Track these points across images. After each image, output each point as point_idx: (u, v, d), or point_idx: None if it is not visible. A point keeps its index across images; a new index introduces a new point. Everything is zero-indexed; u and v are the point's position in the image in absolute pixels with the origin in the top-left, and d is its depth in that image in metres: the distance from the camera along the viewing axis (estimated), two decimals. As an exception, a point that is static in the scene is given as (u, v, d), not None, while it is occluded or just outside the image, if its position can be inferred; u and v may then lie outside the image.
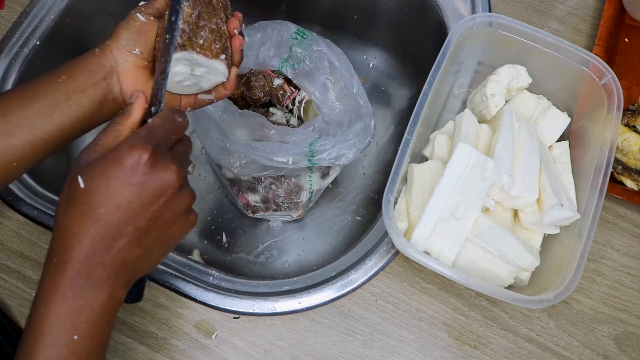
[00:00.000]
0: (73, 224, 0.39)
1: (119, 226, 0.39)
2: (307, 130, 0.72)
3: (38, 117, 0.47)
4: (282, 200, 0.79)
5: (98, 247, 0.39)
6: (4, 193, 0.68)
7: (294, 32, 0.77)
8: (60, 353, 0.39)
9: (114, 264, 0.40)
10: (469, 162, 0.56)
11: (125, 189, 0.39)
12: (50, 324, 0.39)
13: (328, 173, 0.80)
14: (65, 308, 0.39)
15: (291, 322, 0.62)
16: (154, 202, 0.40)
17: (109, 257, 0.40)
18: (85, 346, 0.40)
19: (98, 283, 0.40)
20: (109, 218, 0.39)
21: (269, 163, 0.69)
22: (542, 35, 0.64)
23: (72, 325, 0.39)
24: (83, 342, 0.40)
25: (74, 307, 0.39)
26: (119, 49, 0.50)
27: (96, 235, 0.39)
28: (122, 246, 0.40)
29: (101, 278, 0.40)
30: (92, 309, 0.40)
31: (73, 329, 0.39)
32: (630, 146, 0.66)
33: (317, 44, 0.76)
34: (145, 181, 0.39)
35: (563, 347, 0.61)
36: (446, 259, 0.56)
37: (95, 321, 0.40)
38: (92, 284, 0.39)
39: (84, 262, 0.39)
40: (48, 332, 0.39)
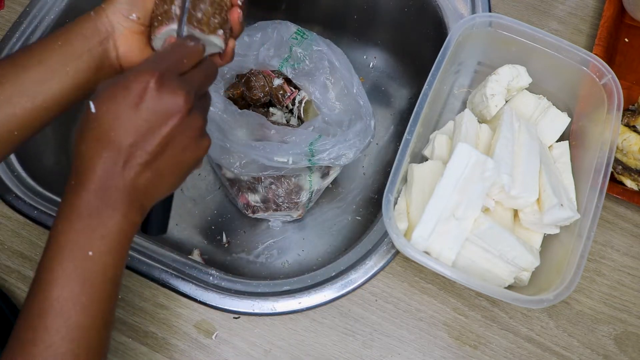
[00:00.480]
0: (88, 148, 0.41)
1: (129, 149, 0.40)
2: (307, 130, 0.72)
3: (35, 85, 0.46)
4: (282, 200, 0.79)
5: (110, 170, 0.40)
6: (4, 193, 0.68)
7: (294, 32, 0.77)
8: (75, 267, 0.40)
9: (126, 186, 0.41)
10: (469, 162, 0.56)
11: (133, 113, 0.40)
12: (66, 239, 0.40)
13: (328, 173, 0.80)
14: (81, 225, 0.40)
15: (291, 322, 0.62)
16: (162, 126, 0.41)
17: (121, 180, 0.41)
18: (100, 262, 0.41)
19: (112, 204, 0.41)
20: (119, 141, 0.40)
21: (269, 163, 0.69)
22: (542, 35, 0.64)
23: (86, 241, 0.40)
24: (97, 259, 0.41)
25: (89, 224, 0.40)
26: (115, 13, 0.49)
27: (108, 158, 0.40)
28: (133, 169, 0.41)
29: (115, 199, 0.41)
30: (107, 227, 0.41)
31: (87, 245, 0.40)
32: (630, 146, 0.66)
33: (317, 44, 0.76)
34: (152, 105, 0.40)
35: (563, 347, 0.61)
36: (446, 259, 0.56)
37: (110, 240, 0.41)
38: (106, 204, 0.41)
39: (97, 183, 0.40)
40: (64, 247, 0.40)
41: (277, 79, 0.82)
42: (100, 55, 0.49)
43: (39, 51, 0.47)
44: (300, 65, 0.77)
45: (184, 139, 0.43)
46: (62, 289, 0.40)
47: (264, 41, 0.77)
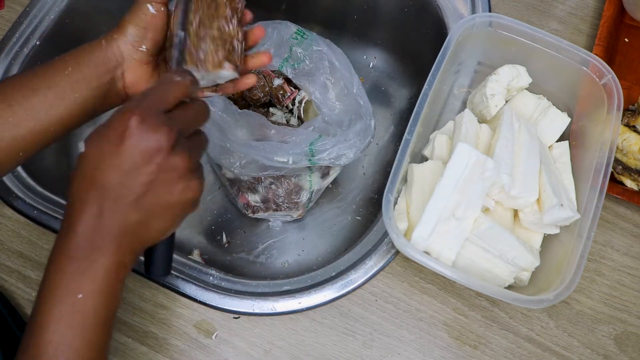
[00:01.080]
0: (77, 190, 0.41)
1: (116, 189, 0.40)
2: (307, 130, 0.72)
3: (44, 109, 0.47)
4: (282, 200, 0.79)
5: (98, 211, 0.40)
6: (4, 193, 0.68)
7: (294, 32, 0.77)
8: (65, 310, 0.40)
9: (114, 228, 0.41)
10: (469, 162, 0.56)
11: (116, 152, 0.39)
12: (56, 282, 0.41)
13: (328, 173, 0.80)
14: (70, 268, 0.40)
15: (291, 322, 0.62)
16: (145, 164, 0.40)
17: (110, 221, 0.40)
18: (90, 305, 0.41)
19: (100, 246, 0.40)
20: (104, 181, 0.40)
21: (269, 163, 0.69)
22: (542, 35, 0.64)
23: (76, 284, 0.40)
24: (87, 301, 0.40)
25: (78, 268, 0.40)
26: (126, 44, 0.50)
27: (94, 199, 0.40)
28: (120, 210, 0.40)
29: (103, 241, 0.40)
30: (96, 270, 0.41)
31: (77, 289, 0.40)
32: (630, 146, 0.66)
33: (317, 44, 0.76)
34: (133, 142, 0.39)
35: (563, 347, 0.61)
36: (446, 259, 0.56)
37: (99, 282, 0.41)
38: (94, 246, 0.40)
39: (86, 226, 0.40)
40: (55, 290, 0.40)
41: (277, 79, 0.82)
42: (108, 83, 0.50)
43: (49, 76, 0.48)
44: (301, 65, 0.77)
45: (168, 178, 0.41)
46: (53, 333, 0.40)
47: (263, 41, 0.77)
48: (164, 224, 0.43)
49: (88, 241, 0.40)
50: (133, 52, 0.50)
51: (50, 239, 0.66)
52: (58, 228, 0.65)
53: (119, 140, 0.39)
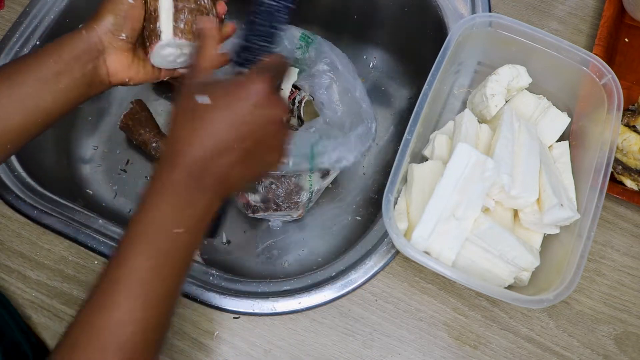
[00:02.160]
0: (190, 135, 0.43)
1: (231, 142, 0.43)
2: (307, 132, 0.72)
3: (30, 99, 0.48)
4: (282, 200, 0.79)
5: (209, 157, 0.43)
6: (4, 193, 0.68)
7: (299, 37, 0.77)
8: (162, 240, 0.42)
9: (219, 174, 0.44)
10: (469, 162, 0.56)
11: (245, 110, 0.43)
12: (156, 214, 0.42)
13: (328, 173, 0.80)
14: (173, 201, 0.42)
15: (291, 322, 0.62)
16: (264, 128, 0.44)
17: (216, 167, 0.43)
18: (184, 240, 0.43)
19: (204, 187, 0.43)
20: (224, 133, 0.43)
21: None
22: (542, 35, 0.64)
23: (175, 218, 0.43)
24: (182, 236, 0.43)
25: (180, 202, 0.43)
26: (106, 33, 0.51)
27: (210, 146, 0.43)
28: (229, 160, 0.44)
29: (207, 183, 0.43)
30: (195, 207, 0.43)
31: (176, 222, 0.43)
32: (630, 146, 0.66)
33: (321, 46, 0.76)
34: (262, 107, 0.44)
35: (563, 347, 0.61)
36: (446, 259, 0.56)
37: (196, 219, 0.44)
38: (199, 186, 0.43)
39: (194, 166, 0.43)
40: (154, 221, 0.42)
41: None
42: (91, 72, 0.51)
43: (34, 67, 0.49)
44: (304, 67, 0.77)
45: (276, 143, 0.47)
46: (147, 260, 0.42)
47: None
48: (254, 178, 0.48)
49: (194, 179, 0.42)
50: (113, 40, 0.51)
51: (51, 239, 0.66)
52: (58, 228, 0.66)
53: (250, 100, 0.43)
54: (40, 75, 0.49)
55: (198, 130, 0.43)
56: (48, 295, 0.64)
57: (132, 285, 0.41)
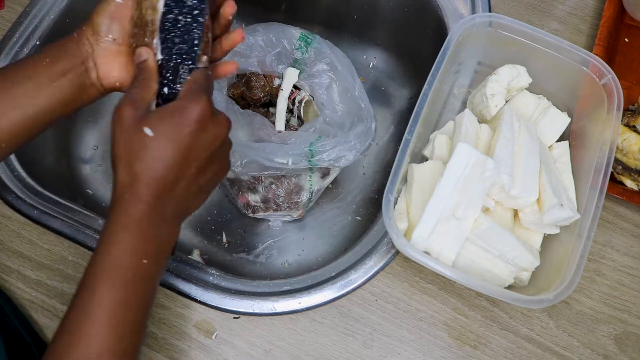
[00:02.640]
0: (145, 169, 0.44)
1: (183, 169, 0.45)
2: (307, 131, 0.72)
3: (25, 99, 0.48)
4: (282, 200, 0.79)
5: (168, 188, 0.44)
6: (4, 193, 0.68)
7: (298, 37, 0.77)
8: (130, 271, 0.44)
9: (177, 202, 0.45)
10: (469, 162, 0.56)
11: (191, 137, 0.44)
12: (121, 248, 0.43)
13: (328, 173, 0.80)
14: (139, 235, 0.44)
15: (291, 322, 0.62)
16: (210, 147, 0.46)
17: (175, 197, 0.45)
18: (149, 269, 0.44)
19: (166, 217, 0.45)
20: (176, 162, 0.44)
21: (269, 164, 0.69)
22: (542, 35, 0.64)
23: (143, 249, 0.44)
24: (148, 266, 0.44)
25: (147, 234, 0.44)
26: (94, 35, 0.50)
27: (165, 177, 0.44)
28: (184, 186, 0.45)
29: (168, 213, 0.45)
30: (160, 237, 0.45)
31: (143, 253, 0.44)
32: (630, 146, 0.66)
33: (320, 46, 0.76)
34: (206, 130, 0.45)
35: (563, 347, 0.61)
36: (446, 259, 0.56)
37: (159, 250, 0.45)
38: (162, 217, 0.45)
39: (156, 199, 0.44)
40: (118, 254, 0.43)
41: (278, 79, 0.82)
42: (83, 74, 0.50)
43: (29, 68, 0.49)
44: (304, 67, 0.77)
45: (223, 157, 0.49)
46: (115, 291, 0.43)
47: (267, 45, 0.77)
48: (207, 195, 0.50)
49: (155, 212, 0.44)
50: (101, 41, 0.50)
51: (51, 239, 0.66)
52: (58, 228, 0.66)
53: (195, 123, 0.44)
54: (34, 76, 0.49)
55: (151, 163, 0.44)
56: (48, 295, 0.64)
57: (103, 317, 0.42)
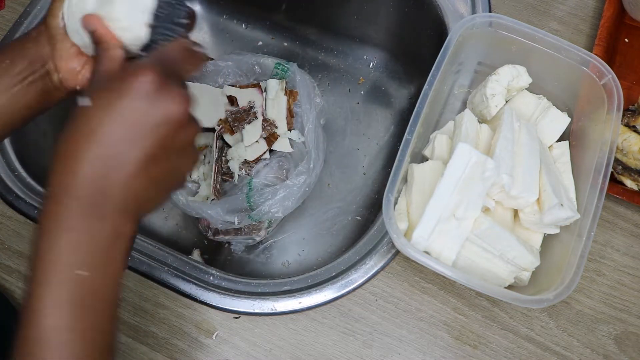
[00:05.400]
0: (74, 149, 0.36)
1: (124, 149, 0.36)
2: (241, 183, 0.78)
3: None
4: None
5: (101, 174, 0.36)
6: (5, 193, 0.68)
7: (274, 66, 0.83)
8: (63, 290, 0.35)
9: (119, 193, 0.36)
10: (469, 162, 0.57)
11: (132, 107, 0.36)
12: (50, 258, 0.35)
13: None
14: (65, 240, 0.36)
15: (291, 322, 0.62)
16: (163, 126, 0.37)
17: (114, 186, 0.36)
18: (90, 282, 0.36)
19: (101, 213, 0.36)
20: (113, 138, 0.36)
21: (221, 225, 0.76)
22: (542, 35, 0.64)
23: (73, 259, 0.36)
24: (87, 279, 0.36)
25: (75, 238, 0.36)
26: (52, 37, 0.46)
27: (97, 159, 0.36)
28: (126, 173, 0.36)
29: (104, 207, 0.36)
30: (95, 240, 0.36)
31: (74, 263, 0.35)
32: (630, 146, 0.66)
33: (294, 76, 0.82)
34: (154, 101, 0.36)
35: (563, 347, 0.61)
36: (446, 259, 0.56)
37: (99, 256, 0.36)
38: (94, 213, 0.36)
39: (86, 189, 0.36)
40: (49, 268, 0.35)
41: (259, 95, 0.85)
42: (44, 76, 0.47)
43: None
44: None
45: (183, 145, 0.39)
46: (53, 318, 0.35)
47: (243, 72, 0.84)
48: (167, 192, 0.41)
49: (86, 207, 0.36)
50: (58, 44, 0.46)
51: (51, 239, 0.66)
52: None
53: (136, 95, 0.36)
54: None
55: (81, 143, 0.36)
56: (48, 295, 0.64)
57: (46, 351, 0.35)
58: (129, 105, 0.36)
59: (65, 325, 0.35)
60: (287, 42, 0.95)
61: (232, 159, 0.81)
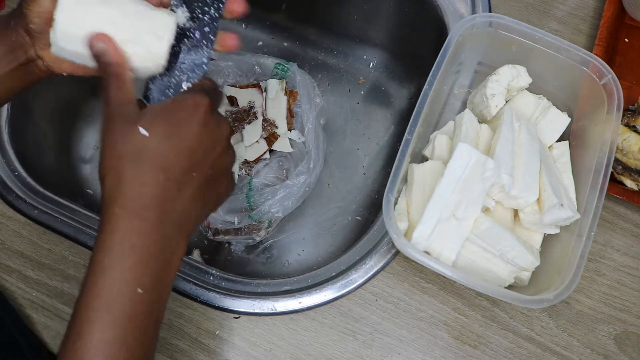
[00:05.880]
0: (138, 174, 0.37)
1: (185, 173, 0.38)
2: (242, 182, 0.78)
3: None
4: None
5: (167, 196, 0.38)
6: (5, 193, 0.68)
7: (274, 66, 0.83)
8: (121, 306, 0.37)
9: (180, 213, 0.39)
10: (469, 162, 0.57)
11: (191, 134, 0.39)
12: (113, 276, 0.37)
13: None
14: (133, 259, 0.37)
15: (291, 321, 0.62)
16: (213, 149, 0.40)
17: (177, 205, 0.38)
18: (148, 300, 0.38)
19: (166, 233, 0.38)
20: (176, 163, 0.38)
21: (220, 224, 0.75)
22: (542, 35, 0.64)
23: (136, 277, 0.37)
24: (146, 297, 0.37)
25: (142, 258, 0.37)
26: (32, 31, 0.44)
27: (164, 183, 0.38)
28: (188, 194, 0.39)
29: (170, 228, 0.38)
30: (159, 261, 0.38)
31: (136, 281, 0.37)
32: (630, 146, 0.66)
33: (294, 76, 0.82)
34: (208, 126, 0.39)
35: (563, 347, 0.61)
36: (446, 259, 0.56)
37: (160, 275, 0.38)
38: (162, 233, 0.38)
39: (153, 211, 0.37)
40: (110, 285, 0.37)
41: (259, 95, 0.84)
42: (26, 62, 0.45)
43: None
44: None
45: (226, 166, 0.43)
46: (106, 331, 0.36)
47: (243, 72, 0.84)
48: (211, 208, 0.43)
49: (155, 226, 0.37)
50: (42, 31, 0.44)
51: (51, 239, 0.66)
52: (59, 228, 0.66)
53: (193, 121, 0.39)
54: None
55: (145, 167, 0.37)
56: (48, 295, 0.64)
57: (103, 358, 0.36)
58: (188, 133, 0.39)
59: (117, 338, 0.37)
60: (287, 42, 0.95)
61: None
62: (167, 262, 0.39)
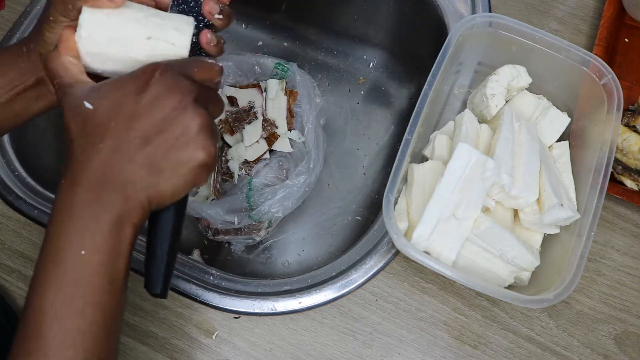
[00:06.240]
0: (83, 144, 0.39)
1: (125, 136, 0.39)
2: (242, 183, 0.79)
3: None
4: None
5: (105, 161, 0.39)
6: (5, 193, 0.68)
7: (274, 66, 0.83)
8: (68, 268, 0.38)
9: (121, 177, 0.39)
10: (469, 162, 0.57)
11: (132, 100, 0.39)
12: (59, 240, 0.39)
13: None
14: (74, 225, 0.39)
15: (291, 321, 0.62)
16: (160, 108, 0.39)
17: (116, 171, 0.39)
18: (93, 263, 0.39)
19: (105, 199, 0.39)
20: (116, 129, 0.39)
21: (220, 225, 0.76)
22: (542, 35, 0.64)
23: (79, 241, 0.38)
24: (90, 259, 0.38)
25: (83, 223, 0.39)
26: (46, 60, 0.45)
27: (103, 149, 0.39)
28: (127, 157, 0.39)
29: (109, 194, 0.39)
30: (100, 224, 0.39)
31: (80, 245, 0.38)
32: (630, 146, 0.66)
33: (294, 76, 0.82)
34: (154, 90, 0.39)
35: (563, 347, 0.61)
36: (446, 259, 0.56)
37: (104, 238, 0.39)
38: (99, 199, 0.39)
39: (91, 178, 0.39)
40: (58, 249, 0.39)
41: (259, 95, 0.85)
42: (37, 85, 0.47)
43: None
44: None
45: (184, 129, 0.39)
46: (56, 293, 0.38)
47: (245, 76, 0.84)
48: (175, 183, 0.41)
49: (93, 194, 0.39)
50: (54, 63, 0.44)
51: (51, 239, 0.66)
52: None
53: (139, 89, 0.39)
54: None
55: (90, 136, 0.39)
56: (48, 295, 0.64)
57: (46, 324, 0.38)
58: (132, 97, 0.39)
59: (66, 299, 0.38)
60: (287, 42, 0.95)
61: (232, 159, 0.81)
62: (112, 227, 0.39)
